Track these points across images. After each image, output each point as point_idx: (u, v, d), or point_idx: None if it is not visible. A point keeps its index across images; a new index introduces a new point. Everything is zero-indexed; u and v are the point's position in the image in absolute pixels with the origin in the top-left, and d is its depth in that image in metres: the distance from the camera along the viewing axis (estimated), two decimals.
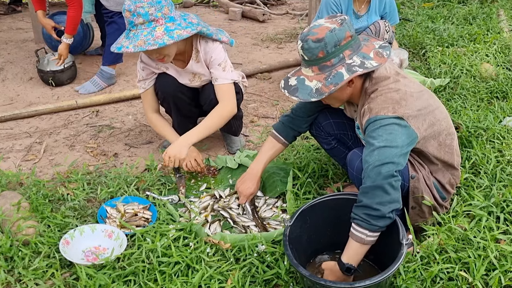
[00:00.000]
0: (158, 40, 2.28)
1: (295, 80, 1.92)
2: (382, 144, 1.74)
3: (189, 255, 1.96)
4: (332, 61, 1.83)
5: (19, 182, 2.55)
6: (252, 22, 5.95)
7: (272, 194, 2.44)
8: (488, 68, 3.58)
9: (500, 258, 1.84)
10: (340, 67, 1.82)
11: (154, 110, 2.79)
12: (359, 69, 1.82)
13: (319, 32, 1.80)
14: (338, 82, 1.81)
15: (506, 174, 2.34)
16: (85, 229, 2.14)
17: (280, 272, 1.90)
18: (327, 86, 1.82)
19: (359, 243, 1.72)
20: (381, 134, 1.77)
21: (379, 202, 1.68)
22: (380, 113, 1.81)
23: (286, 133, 2.30)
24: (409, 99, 1.85)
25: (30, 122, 3.34)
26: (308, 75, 1.88)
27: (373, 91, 1.89)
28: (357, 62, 1.83)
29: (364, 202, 1.70)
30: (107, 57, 3.84)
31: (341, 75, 1.81)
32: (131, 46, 2.28)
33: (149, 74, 2.69)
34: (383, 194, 1.69)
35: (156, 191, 2.51)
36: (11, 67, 4.19)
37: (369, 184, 1.70)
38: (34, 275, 1.93)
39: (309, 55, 1.83)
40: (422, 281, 1.81)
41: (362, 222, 1.70)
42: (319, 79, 1.84)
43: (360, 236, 1.71)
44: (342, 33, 1.81)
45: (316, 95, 1.83)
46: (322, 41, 1.79)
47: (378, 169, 1.70)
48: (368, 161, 1.74)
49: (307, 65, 1.87)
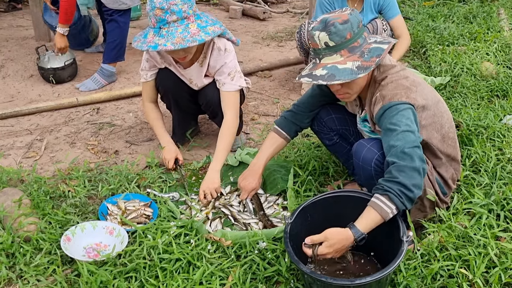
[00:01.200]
0: (196, 36, 2.31)
1: (322, 70, 1.86)
2: (405, 129, 1.77)
3: (190, 252, 1.97)
4: (359, 41, 1.86)
5: (20, 179, 2.55)
6: (253, 20, 5.94)
7: (273, 191, 2.44)
8: (488, 66, 3.59)
9: (500, 255, 1.85)
10: (368, 46, 1.86)
11: (151, 100, 2.81)
12: (391, 40, 1.88)
13: (341, 16, 1.84)
14: (381, 53, 1.84)
15: (506, 172, 2.35)
16: (86, 226, 2.14)
17: (281, 269, 1.90)
18: (368, 60, 1.83)
19: (380, 216, 1.69)
20: (401, 119, 1.79)
21: (415, 184, 1.68)
22: (394, 99, 1.84)
23: (288, 128, 2.31)
24: (418, 86, 1.91)
25: (31, 119, 3.34)
26: (338, 61, 1.85)
27: (383, 78, 1.92)
28: (378, 39, 1.89)
29: (401, 179, 1.68)
30: (108, 54, 3.84)
31: (378, 48, 1.85)
32: (169, 44, 2.28)
33: (152, 67, 2.71)
34: (419, 177, 1.69)
35: (157, 188, 2.51)
36: (12, 64, 4.19)
37: (404, 163, 1.69)
38: (36, 272, 1.93)
39: (337, 38, 1.82)
40: (423, 278, 1.82)
41: (396, 197, 1.68)
42: (353, 59, 1.84)
43: (386, 210, 1.69)
44: (359, 16, 1.87)
45: (362, 71, 1.81)
46: (348, 22, 1.82)
47: (411, 151, 1.71)
48: (395, 144, 1.75)
49: (333, 52, 1.85)
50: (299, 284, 1.88)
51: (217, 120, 2.85)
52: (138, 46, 2.39)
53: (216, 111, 2.73)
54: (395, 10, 3.50)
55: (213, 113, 2.79)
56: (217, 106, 2.67)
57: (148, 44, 2.33)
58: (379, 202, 1.70)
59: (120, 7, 3.68)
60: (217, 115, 2.78)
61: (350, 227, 1.71)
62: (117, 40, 3.79)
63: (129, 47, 4.61)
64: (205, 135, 3.15)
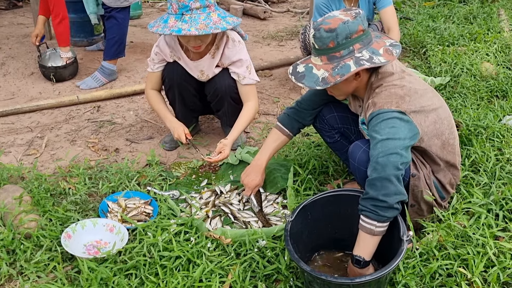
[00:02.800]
0: (218, 24, 2.41)
1: (303, 67, 1.94)
2: (384, 137, 1.76)
3: (190, 250, 1.97)
4: (342, 52, 1.85)
5: (21, 176, 2.56)
6: (253, 20, 5.95)
7: (273, 190, 2.45)
8: (488, 67, 3.60)
9: (499, 255, 1.85)
10: (348, 59, 1.84)
11: (154, 88, 2.87)
12: (366, 63, 1.83)
13: (332, 22, 1.83)
14: (345, 73, 1.83)
15: (505, 172, 2.36)
16: (87, 223, 2.15)
17: (280, 267, 1.91)
18: (334, 76, 1.84)
19: (369, 235, 1.73)
20: (383, 128, 1.79)
21: (385, 194, 1.70)
22: (384, 107, 1.83)
23: (291, 125, 2.32)
24: (413, 95, 1.88)
25: (32, 117, 3.34)
26: (316, 64, 1.90)
27: (378, 86, 1.91)
28: (366, 56, 1.85)
29: (370, 194, 1.71)
30: (108, 51, 3.84)
31: (348, 67, 1.83)
32: (193, 29, 2.35)
33: (161, 61, 2.76)
34: (389, 185, 1.70)
35: (157, 186, 2.52)
36: (13, 62, 4.19)
37: (375, 176, 1.72)
38: (36, 268, 1.94)
39: (319, 44, 1.85)
40: (421, 277, 1.83)
41: (370, 213, 1.71)
42: (326, 69, 1.86)
43: (369, 228, 1.72)
44: (354, 26, 1.83)
45: (322, 84, 1.85)
46: (334, 32, 1.82)
47: (384, 160, 1.72)
48: (373, 154, 1.76)
49: (317, 54, 1.90)
50: (299, 282, 1.88)
51: (221, 113, 2.88)
52: (159, 30, 2.42)
53: (222, 101, 2.78)
54: (387, 0, 3.44)
55: (219, 103, 2.83)
56: (224, 94, 2.74)
57: (170, 28, 2.38)
58: (362, 222, 1.75)
59: (122, 5, 3.69)
60: (222, 107, 2.83)
61: (351, 258, 1.80)
62: (116, 36, 3.79)
63: (130, 45, 4.63)
64: (206, 134, 3.16)
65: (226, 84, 2.72)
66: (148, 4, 6.52)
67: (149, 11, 6.25)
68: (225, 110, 2.84)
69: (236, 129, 2.65)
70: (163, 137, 3.05)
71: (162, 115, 2.84)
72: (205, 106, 2.97)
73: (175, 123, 2.79)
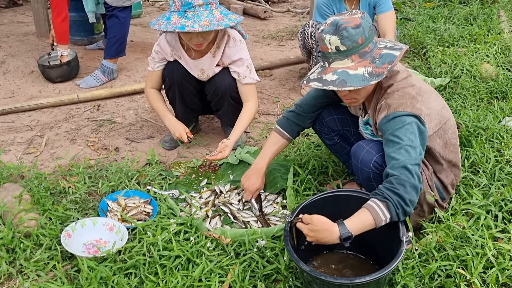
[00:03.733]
0: (221, 21, 2.42)
1: (333, 75, 1.82)
2: (408, 143, 1.76)
3: (189, 249, 1.97)
4: (370, 46, 1.83)
5: (21, 175, 2.56)
6: (254, 19, 5.95)
7: (273, 190, 2.45)
8: (488, 68, 3.60)
9: (498, 256, 1.86)
10: (378, 51, 1.83)
11: (154, 87, 2.88)
12: (397, 48, 1.84)
13: (353, 20, 1.80)
14: (393, 60, 1.80)
15: (504, 174, 2.36)
16: (87, 222, 2.15)
17: (279, 267, 1.91)
18: (380, 66, 1.79)
19: (374, 221, 1.69)
20: (405, 133, 1.78)
21: (412, 201, 1.70)
22: (399, 109, 1.81)
23: (291, 128, 2.31)
24: (423, 94, 1.88)
25: (31, 116, 3.35)
26: (349, 66, 1.81)
27: (389, 85, 1.90)
28: (389, 44, 1.86)
29: (401, 192, 1.69)
30: (109, 50, 3.84)
31: (390, 54, 1.81)
32: (196, 26, 2.36)
33: (161, 60, 2.77)
34: (416, 195, 1.71)
35: (157, 185, 2.52)
36: (13, 60, 4.19)
37: (406, 179, 1.70)
38: (36, 267, 1.94)
39: (349, 43, 1.79)
40: (420, 278, 1.83)
41: (393, 207, 1.68)
42: (365, 65, 1.81)
43: (380, 216, 1.69)
44: (370, 19, 1.85)
45: (374, 78, 1.78)
46: (360, 27, 1.79)
47: (414, 169, 1.72)
48: (396, 157, 1.74)
49: (344, 57, 1.81)
50: (298, 282, 1.89)
51: (221, 112, 2.88)
52: (162, 27, 2.43)
53: (222, 100, 2.79)
54: (388, 5, 3.44)
55: (219, 103, 2.83)
56: (224, 94, 2.75)
57: (174, 25, 2.39)
58: (376, 207, 1.70)
59: (124, 4, 3.69)
60: (222, 106, 2.84)
61: (338, 223, 1.69)
62: (117, 35, 3.79)
63: (130, 44, 4.63)
64: (205, 133, 3.16)
65: (226, 83, 2.73)
66: (148, 3, 6.53)
67: (150, 10, 6.25)
68: (225, 109, 2.85)
69: (237, 130, 2.66)
70: (163, 137, 3.06)
71: (161, 114, 2.84)
72: (205, 106, 2.97)
73: (175, 122, 2.79)
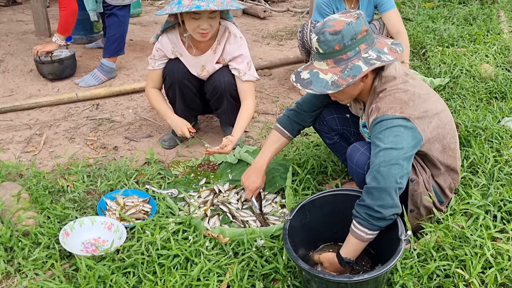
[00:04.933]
0: (232, 3, 2.52)
1: (307, 73, 1.89)
2: (388, 146, 1.75)
3: (188, 248, 1.97)
4: (348, 54, 1.82)
5: (19, 173, 2.56)
6: (253, 19, 5.95)
7: (271, 189, 2.45)
8: (487, 68, 3.60)
9: (497, 256, 1.86)
10: (356, 60, 1.82)
11: (155, 87, 2.88)
12: (376, 62, 1.81)
13: (336, 25, 1.80)
14: (356, 74, 1.79)
15: (503, 174, 2.36)
16: (85, 221, 2.15)
17: (278, 267, 1.91)
18: (344, 78, 1.80)
19: (358, 240, 1.75)
20: (387, 136, 1.77)
21: (381, 205, 1.69)
22: (387, 112, 1.81)
23: (291, 127, 2.31)
24: (416, 100, 1.86)
25: (30, 114, 3.34)
26: (322, 68, 1.86)
27: (382, 90, 1.89)
28: (374, 56, 1.83)
29: (366, 202, 1.71)
30: (108, 49, 3.83)
31: (359, 68, 1.80)
32: (212, 5, 2.41)
33: (162, 57, 2.77)
34: (387, 197, 1.70)
35: (156, 184, 2.52)
36: (12, 59, 4.18)
37: (374, 185, 1.71)
38: (34, 266, 1.94)
39: (325, 47, 1.81)
40: (419, 277, 1.83)
41: (363, 221, 1.72)
42: (334, 72, 1.83)
43: (360, 234, 1.74)
44: (358, 27, 1.81)
45: (333, 88, 1.81)
46: (339, 34, 1.79)
47: (385, 171, 1.71)
48: (374, 161, 1.75)
49: (321, 59, 1.86)
50: (296, 281, 1.88)
51: (221, 111, 2.88)
52: (174, 10, 2.43)
53: (222, 98, 2.80)
54: (391, 3, 3.42)
55: (218, 101, 2.83)
56: (223, 91, 2.75)
57: (188, 6, 2.40)
58: (353, 227, 1.76)
59: (123, 3, 3.68)
60: (221, 105, 2.84)
61: (337, 256, 1.81)
62: (116, 34, 3.79)
63: (129, 43, 4.63)
64: (205, 133, 3.16)
65: (225, 81, 2.73)
66: (147, 2, 6.53)
67: (149, 9, 6.25)
68: (224, 108, 2.85)
69: (239, 128, 2.68)
70: (162, 136, 3.05)
71: (163, 113, 2.85)
72: (204, 105, 2.97)
73: (176, 119, 2.80)
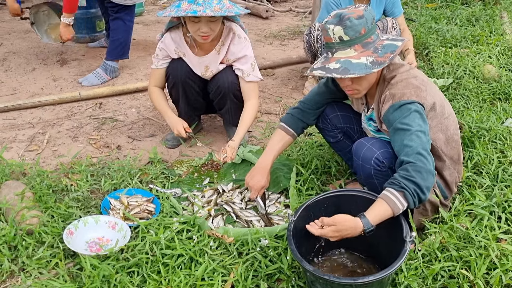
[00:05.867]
0: (231, 9, 2.47)
1: (336, 63, 1.86)
2: (418, 129, 1.79)
3: (192, 248, 1.97)
4: (372, 37, 1.87)
5: (23, 172, 2.56)
6: (256, 19, 5.94)
7: (275, 189, 2.45)
8: (491, 69, 3.60)
9: (501, 257, 1.86)
10: (381, 42, 1.88)
11: (158, 86, 2.88)
12: (399, 42, 1.88)
13: (356, 11, 1.85)
14: (394, 50, 1.85)
15: (508, 175, 2.36)
16: (89, 220, 2.15)
17: (282, 267, 1.91)
18: (383, 56, 1.84)
19: (392, 211, 1.71)
20: (414, 119, 1.81)
21: (428, 187, 1.72)
22: (403, 98, 1.85)
23: (295, 125, 2.31)
24: (427, 85, 1.92)
25: (33, 113, 3.34)
26: (351, 55, 1.85)
27: (392, 77, 1.93)
28: (390, 36, 1.91)
29: (417, 180, 1.70)
30: (112, 52, 3.81)
31: (392, 45, 1.86)
32: (208, 11, 2.39)
33: (165, 57, 2.77)
34: (432, 180, 1.73)
35: (160, 184, 2.51)
36: (14, 57, 4.18)
37: (422, 165, 1.72)
38: (38, 265, 1.94)
39: (352, 33, 1.83)
40: (424, 278, 1.83)
41: (410, 196, 1.70)
42: (367, 54, 1.85)
43: (398, 206, 1.71)
44: (372, 12, 1.88)
45: (376, 66, 1.82)
46: (363, 18, 1.84)
47: (427, 154, 1.75)
48: (411, 144, 1.76)
49: (347, 46, 1.86)
50: (301, 282, 1.88)
51: (224, 111, 2.88)
52: (173, 14, 2.44)
53: (225, 98, 2.80)
54: (399, 8, 3.61)
55: (222, 101, 2.84)
56: (227, 91, 2.75)
57: (185, 10, 2.40)
58: (393, 198, 1.71)
59: (126, 3, 3.66)
60: (224, 105, 2.84)
61: (360, 217, 1.71)
62: (121, 38, 3.77)
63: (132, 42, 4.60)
64: (208, 132, 3.16)
65: (229, 81, 2.73)
66: (150, 2, 6.52)
67: (151, 8, 6.25)
68: (228, 108, 2.85)
69: (241, 130, 2.68)
70: (165, 135, 3.05)
71: (162, 111, 2.85)
72: (208, 105, 2.97)
73: (174, 119, 2.80)
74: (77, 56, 4.30)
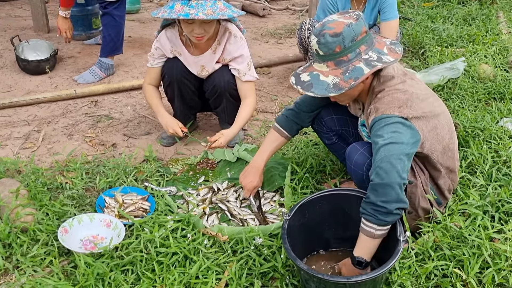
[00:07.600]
0: (225, 12, 2.45)
1: (307, 75, 1.87)
2: (388, 141, 1.75)
3: (186, 246, 1.97)
4: (349, 56, 1.81)
5: (17, 170, 2.55)
6: (252, 17, 5.94)
7: (270, 188, 2.45)
8: (486, 69, 3.61)
9: (494, 256, 1.87)
10: (357, 62, 1.81)
11: (153, 84, 2.87)
12: (378, 64, 1.81)
13: (336, 26, 1.79)
14: (358, 77, 1.79)
15: (502, 174, 2.37)
16: (84, 218, 2.15)
17: (276, 265, 1.92)
18: (346, 80, 1.80)
19: (369, 237, 1.74)
20: (386, 132, 1.78)
21: (384, 200, 1.69)
22: (386, 112, 1.82)
23: (289, 127, 2.31)
24: (414, 100, 1.86)
25: (29, 110, 3.33)
26: (322, 71, 1.85)
27: (380, 90, 1.89)
28: (374, 57, 1.83)
29: (371, 198, 1.71)
30: (105, 48, 3.80)
31: (361, 70, 1.80)
32: (201, 14, 2.37)
33: (161, 56, 2.77)
34: (391, 192, 1.69)
35: (155, 182, 2.51)
36: (10, 54, 4.16)
37: (378, 181, 1.71)
38: (32, 262, 1.94)
39: (325, 49, 1.81)
40: (417, 277, 1.84)
41: (370, 217, 1.71)
42: (335, 74, 1.82)
43: (369, 231, 1.73)
44: (359, 28, 1.80)
45: (335, 90, 1.80)
46: (339, 36, 1.78)
47: (387, 166, 1.71)
48: (376, 158, 1.75)
49: (322, 61, 1.85)
50: (295, 280, 1.89)
51: (220, 110, 2.89)
52: (165, 15, 2.43)
53: (221, 97, 2.80)
54: (394, 13, 3.40)
55: (218, 100, 2.84)
56: (223, 90, 2.76)
57: (177, 13, 2.39)
58: (362, 225, 1.76)
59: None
60: (220, 104, 2.84)
61: (352, 261, 1.80)
62: (112, 34, 3.74)
63: (128, 40, 4.61)
64: (203, 130, 3.16)
65: (225, 80, 2.73)
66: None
67: (148, 5, 6.23)
68: (223, 106, 2.85)
69: (237, 124, 2.70)
70: (160, 133, 3.05)
71: (156, 110, 2.84)
72: (203, 103, 2.97)
73: (168, 118, 2.78)
74: (72, 54, 4.28)
